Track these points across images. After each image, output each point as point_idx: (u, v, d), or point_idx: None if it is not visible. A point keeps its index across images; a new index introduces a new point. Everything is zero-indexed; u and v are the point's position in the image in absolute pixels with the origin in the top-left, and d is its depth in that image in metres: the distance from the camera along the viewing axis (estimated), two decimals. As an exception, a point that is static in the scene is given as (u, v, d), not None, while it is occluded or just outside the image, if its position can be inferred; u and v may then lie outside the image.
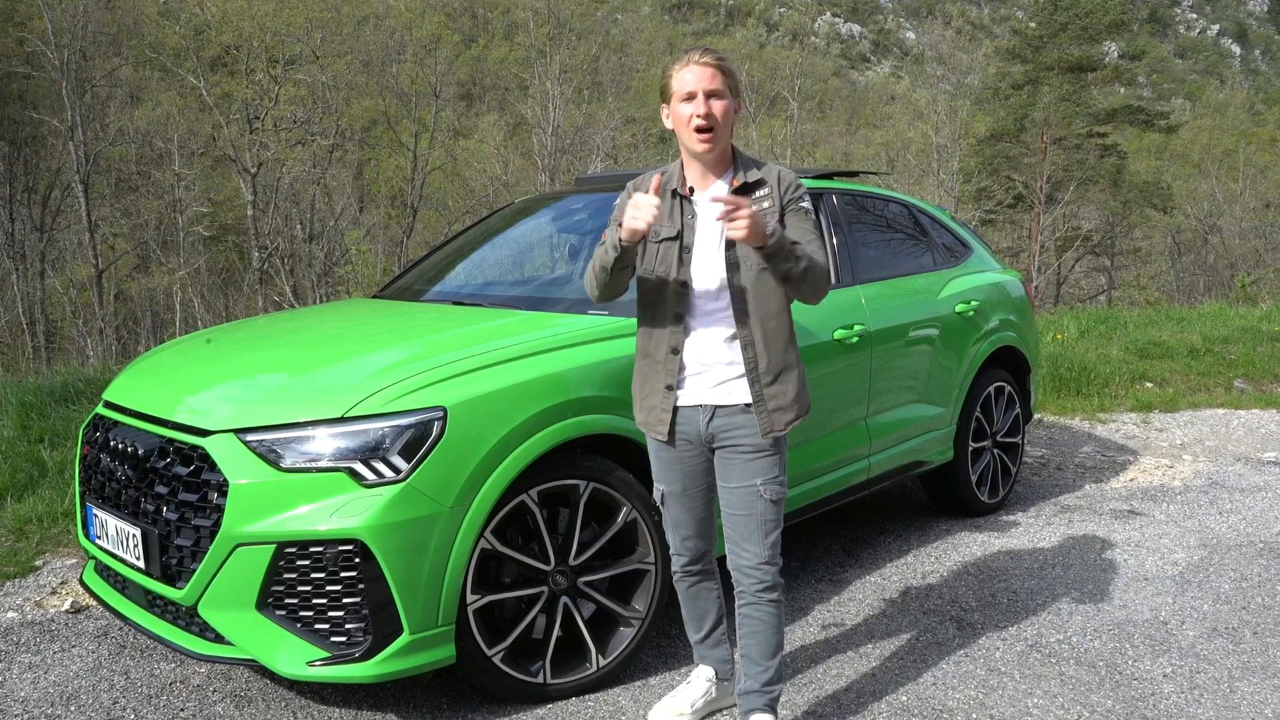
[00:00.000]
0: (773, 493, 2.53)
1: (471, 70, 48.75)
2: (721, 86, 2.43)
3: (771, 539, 2.55)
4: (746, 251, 2.44)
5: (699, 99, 2.40)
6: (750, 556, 2.55)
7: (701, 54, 2.46)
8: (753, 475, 2.52)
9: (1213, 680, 3.15)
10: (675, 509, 2.68)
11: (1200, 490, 5.41)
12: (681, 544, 2.72)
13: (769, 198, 2.50)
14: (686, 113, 2.42)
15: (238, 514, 2.57)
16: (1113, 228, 33.80)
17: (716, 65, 2.44)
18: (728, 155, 2.53)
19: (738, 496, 2.54)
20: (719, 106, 2.42)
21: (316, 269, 31.08)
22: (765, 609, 2.57)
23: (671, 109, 2.47)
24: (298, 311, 4.51)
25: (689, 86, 2.41)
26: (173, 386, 3.06)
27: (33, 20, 31.01)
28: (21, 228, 31.67)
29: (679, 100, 2.44)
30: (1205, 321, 10.62)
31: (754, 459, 2.52)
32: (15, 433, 5.30)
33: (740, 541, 2.56)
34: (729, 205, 2.23)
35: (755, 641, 2.60)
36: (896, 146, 37.51)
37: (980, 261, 5.06)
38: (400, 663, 2.60)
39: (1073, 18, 31.52)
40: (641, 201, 2.30)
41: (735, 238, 2.27)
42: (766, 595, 2.57)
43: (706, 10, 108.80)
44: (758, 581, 2.56)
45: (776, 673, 2.62)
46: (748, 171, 2.52)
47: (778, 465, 2.55)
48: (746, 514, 2.53)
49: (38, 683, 3.08)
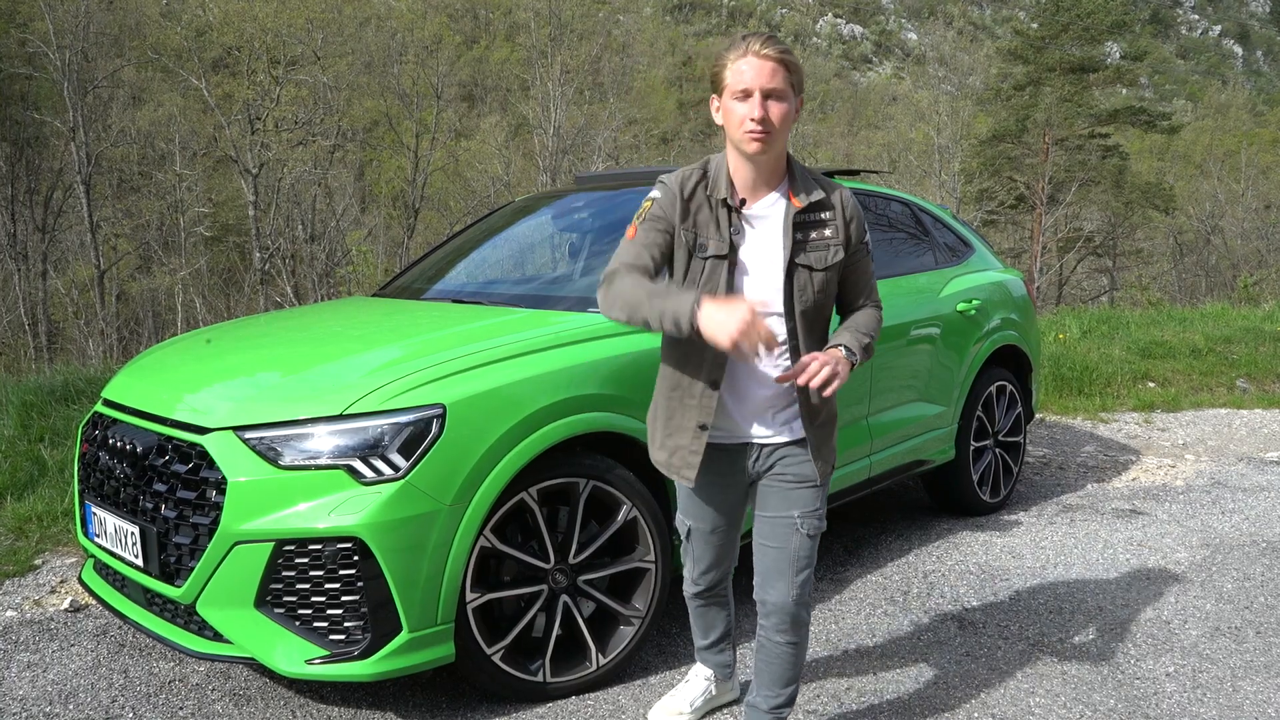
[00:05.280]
0: (810, 527, 2.32)
1: (473, 71, 48.75)
2: (783, 85, 2.13)
3: (801, 578, 2.33)
4: (806, 280, 2.23)
5: (755, 99, 2.12)
6: (776, 594, 2.35)
7: (763, 43, 2.13)
8: (791, 506, 2.32)
9: (1215, 679, 3.14)
10: (699, 546, 2.53)
11: (1203, 490, 5.39)
12: (700, 576, 2.59)
13: (830, 225, 2.26)
14: (740, 113, 2.13)
15: (236, 511, 2.56)
16: (1114, 229, 33.80)
17: (779, 59, 2.13)
18: (782, 163, 2.26)
19: (772, 527, 2.34)
20: (777, 110, 2.13)
21: (318, 269, 31.11)
22: (783, 650, 2.40)
23: (723, 103, 2.18)
24: (297, 310, 4.50)
25: (745, 82, 2.12)
26: (171, 384, 3.05)
27: (34, 21, 31.04)
28: (24, 228, 31.72)
29: (732, 96, 2.15)
30: (1208, 321, 10.61)
31: (796, 489, 2.32)
32: (16, 432, 5.29)
33: (768, 575, 2.36)
34: (813, 373, 2.05)
35: (768, 671, 2.46)
36: (898, 147, 37.50)
37: (982, 261, 5.05)
38: (399, 661, 2.59)
39: (1074, 18, 31.54)
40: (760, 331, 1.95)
41: (829, 392, 2.09)
42: (786, 635, 2.37)
43: (708, 11, 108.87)
44: (779, 621, 2.37)
45: (787, 699, 2.48)
46: (809, 189, 2.26)
47: (819, 499, 2.33)
48: (778, 547, 2.33)
49: (36, 681, 3.07)
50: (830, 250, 2.26)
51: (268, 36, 30.30)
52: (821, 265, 2.25)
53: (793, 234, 2.23)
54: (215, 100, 30.74)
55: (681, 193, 2.26)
